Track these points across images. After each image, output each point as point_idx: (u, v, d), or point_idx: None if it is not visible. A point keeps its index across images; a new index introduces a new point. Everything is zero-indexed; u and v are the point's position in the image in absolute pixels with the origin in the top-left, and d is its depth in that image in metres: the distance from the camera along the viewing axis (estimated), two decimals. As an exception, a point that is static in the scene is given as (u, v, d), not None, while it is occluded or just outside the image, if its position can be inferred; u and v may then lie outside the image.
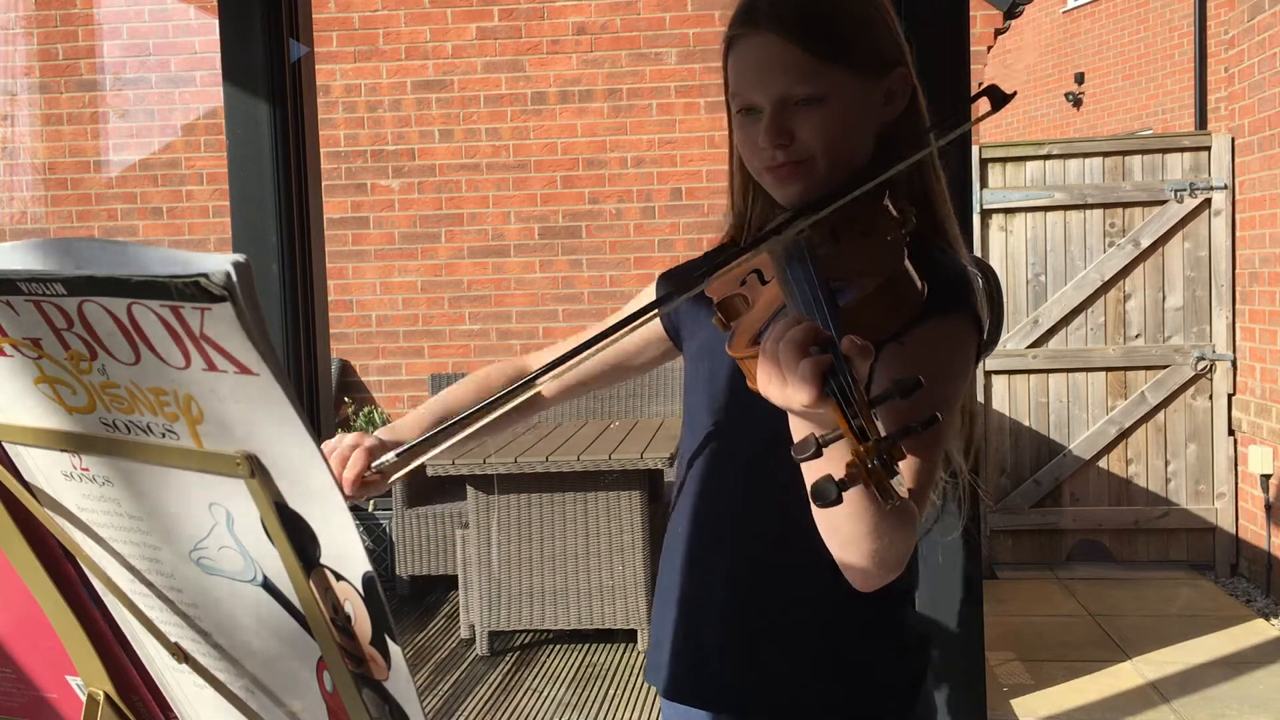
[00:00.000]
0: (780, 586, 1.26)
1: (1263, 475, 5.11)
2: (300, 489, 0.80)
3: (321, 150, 3.67)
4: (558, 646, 4.65)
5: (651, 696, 4.12)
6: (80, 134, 6.31)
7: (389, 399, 6.19)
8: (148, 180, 6.29)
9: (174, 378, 0.77)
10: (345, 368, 6.20)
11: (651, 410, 5.55)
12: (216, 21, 2.53)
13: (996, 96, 1.14)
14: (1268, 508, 5.11)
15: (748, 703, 1.28)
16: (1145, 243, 5.46)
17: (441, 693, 4.22)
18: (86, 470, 0.87)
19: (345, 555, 0.82)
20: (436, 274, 6.15)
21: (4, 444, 0.90)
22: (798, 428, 0.99)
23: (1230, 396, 5.42)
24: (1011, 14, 6.11)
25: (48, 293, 0.74)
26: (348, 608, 0.85)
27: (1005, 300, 5.42)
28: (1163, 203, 5.43)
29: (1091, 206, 5.51)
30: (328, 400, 2.87)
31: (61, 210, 6.35)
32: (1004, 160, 5.52)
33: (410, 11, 6.09)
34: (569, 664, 4.47)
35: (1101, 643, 4.50)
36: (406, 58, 6.11)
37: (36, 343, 0.79)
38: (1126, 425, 5.53)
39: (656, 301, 1.18)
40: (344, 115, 6.12)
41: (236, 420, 0.77)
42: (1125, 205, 5.49)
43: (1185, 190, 5.40)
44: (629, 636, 4.60)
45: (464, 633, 4.63)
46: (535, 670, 4.42)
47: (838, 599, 1.22)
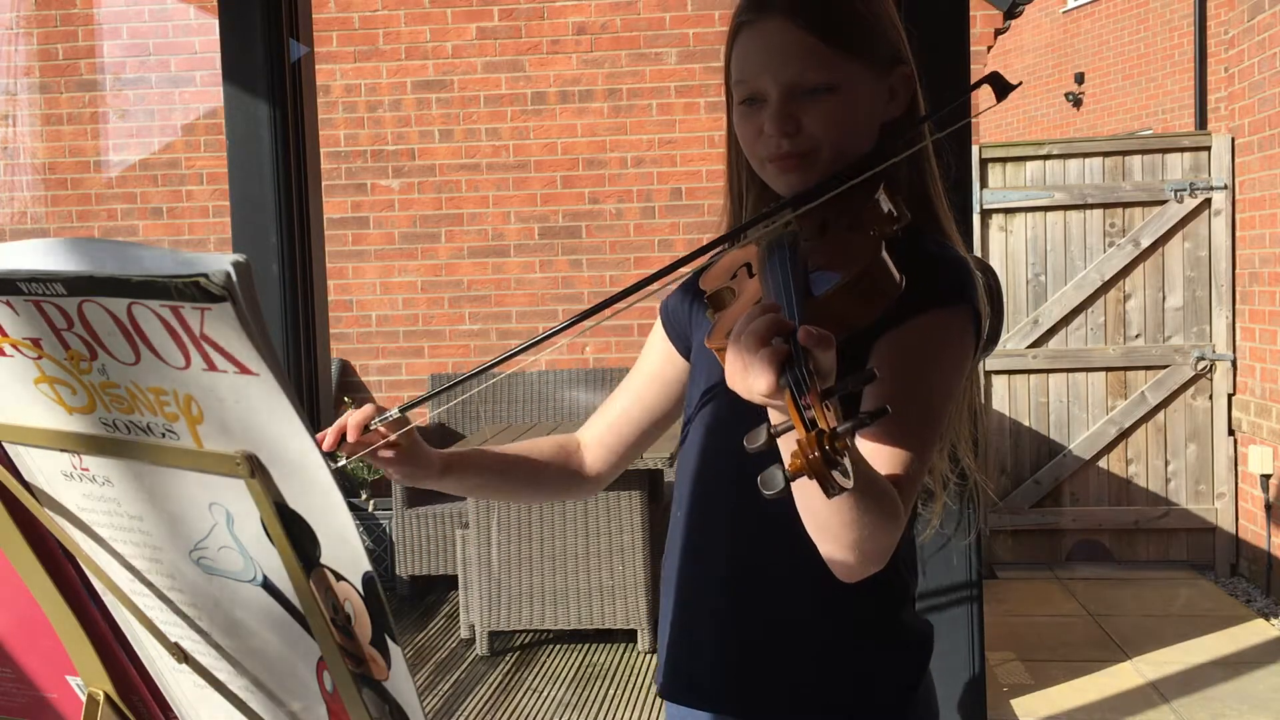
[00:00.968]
0: (777, 586, 1.26)
1: (1263, 475, 5.11)
2: (300, 489, 0.80)
3: (321, 150, 3.68)
4: (558, 646, 4.64)
5: (651, 696, 4.12)
6: (80, 134, 6.31)
7: (389, 399, 6.19)
8: (148, 180, 6.28)
9: (174, 378, 0.77)
10: (345, 368, 6.20)
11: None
12: (216, 21, 2.53)
13: (999, 85, 1.13)
14: (1268, 508, 5.11)
15: (747, 704, 1.27)
16: (1145, 243, 5.46)
17: (441, 693, 4.22)
18: (86, 470, 0.87)
19: (345, 555, 0.82)
20: (436, 274, 6.15)
21: (4, 444, 0.90)
22: (773, 417, 0.98)
23: (1230, 396, 5.42)
24: (1011, 14, 6.11)
25: (48, 293, 0.74)
26: (348, 608, 0.85)
27: (1005, 300, 5.42)
28: (1163, 203, 5.43)
29: (1091, 206, 5.51)
30: (328, 400, 2.87)
31: (61, 210, 6.35)
32: (1004, 160, 5.52)
33: (410, 11, 6.09)
34: (569, 664, 4.47)
35: (1101, 643, 4.50)
36: (406, 58, 6.11)
37: (36, 343, 0.79)
38: (1126, 425, 5.53)
39: (663, 307, 1.18)
40: (344, 115, 6.12)
41: (236, 420, 0.77)
42: (1125, 205, 5.49)
43: (1185, 190, 5.40)
44: (629, 636, 4.60)
45: (464, 633, 4.63)
46: (535, 670, 4.42)
47: (836, 599, 1.22)
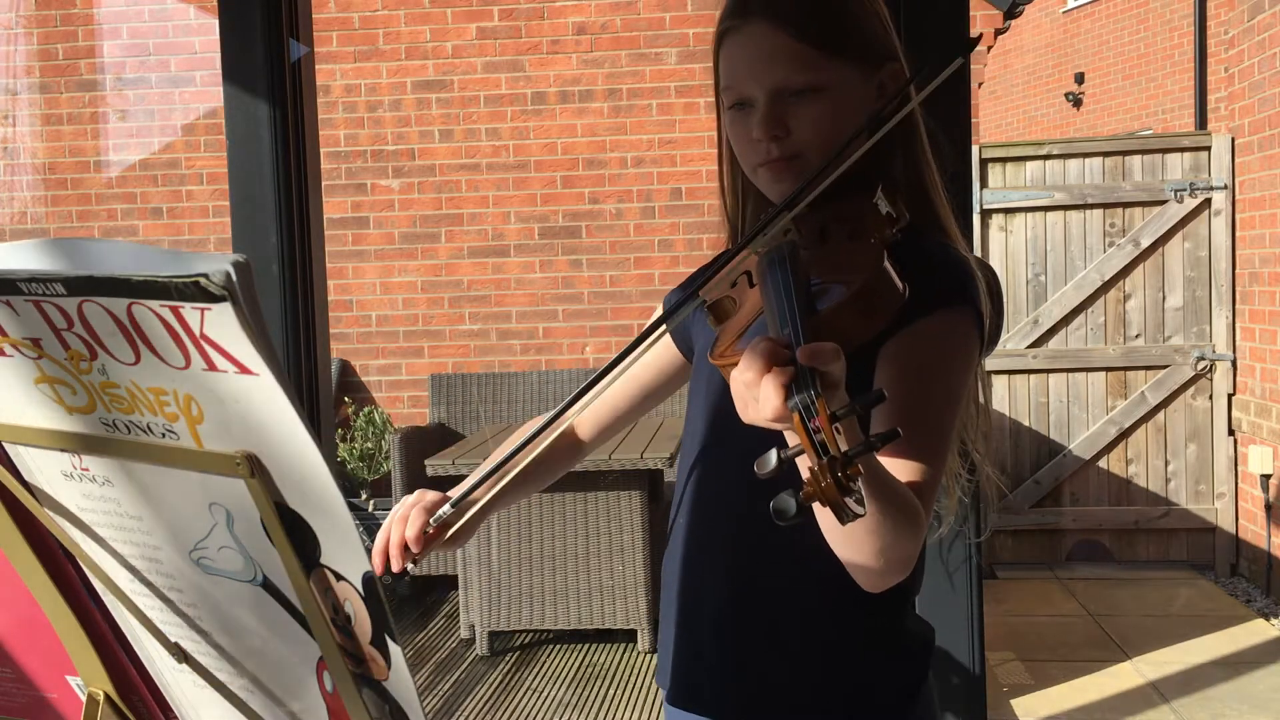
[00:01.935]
0: (778, 592, 1.25)
1: (1263, 475, 5.11)
2: (300, 489, 0.80)
3: (321, 150, 3.67)
4: (558, 646, 4.64)
5: (651, 696, 4.12)
6: (80, 134, 6.31)
7: (389, 399, 6.19)
8: (148, 180, 6.29)
9: (174, 378, 0.77)
10: (345, 368, 6.20)
11: (652, 410, 5.55)
12: (216, 21, 2.53)
13: (965, 43, 1.12)
14: (1268, 508, 5.11)
15: (748, 709, 1.27)
16: (1145, 243, 5.46)
17: (441, 693, 4.22)
18: (86, 470, 0.87)
19: (345, 555, 0.82)
20: (436, 274, 6.15)
21: (4, 444, 0.90)
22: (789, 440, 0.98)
23: (1230, 396, 5.42)
24: (1011, 14, 6.11)
25: (48, 293, 0.74)
26: (348, 608, 0.85)
27: (1005, 300, 5.42)
28: (1163, 203, 5.43)
29: (1091, 206, 5.50)
30: (328, 400, 2.87)
31: (61, 210, 6.35)
32: (1004, 160, 5.52)
33: (410, 11, 6.09)
34: (569, 664, 4.47)
35: (1101, 643, 4.50)
36: (406, 58, 6.11)
37: (36, 343, 0.79)
38: (1126, 425, 5.53)
39: (662, 317, 1.17)
40: (344, 115, 6.12)
41: (236, 420, 0.77)
42: (1125, 205, 5.49)
43: (1185, 190, 5.40)
44: (629, 636, 4.60)
45: (464, 633, 4.63)
46: (535, 670, 4.42)
47: (837, 604, 1.22)
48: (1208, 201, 5.39)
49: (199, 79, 6.19)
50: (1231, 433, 5.42)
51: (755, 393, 0.90)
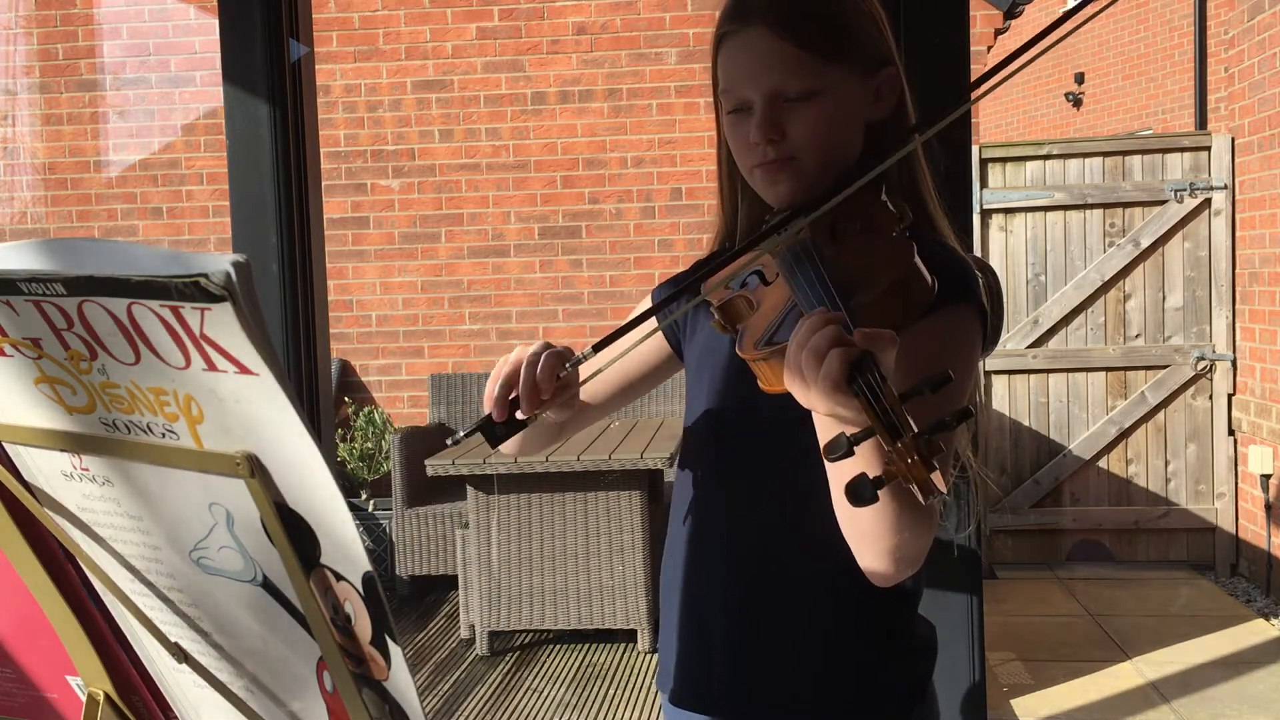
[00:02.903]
0: (783, 590, 1.25)
1: (1263, 475, 5.11)
2: (300, 489, 0.80)
3: (321, 150, 3.67)
4: (558, 646, 4.64)
5: (652, 696, 4.12)
6: (80, 134, 6.31)
7: (389, 399, 6.19)
8: (148, 180, 6.28)
9: (174, 378, 0.77)
10: (345, 368, 6.20)
11: (651, 410, 5.55)
12: (216, 21, 2.53)
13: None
14: (1268, 508, 5.11)
15: (751, 708, 1.27)
16: (1145, 243, 5.46)
17: (441, 693, 4.22)
18: (86, 470, 0.87)
19: (345, 555, 0.82)
20: (436, 274, 6.15)
21: (4, 444, 0.90)
22: (826, 428, 0.98)
23: (1230, 396, 5.42)
24: (1011, 14, 6.11)
25: (48, 293, 0.74)
26: (348, 608, 0.85)
27: (1005, 300, 5.42)
28: (1163, 203, 5.43)
29: (1091, 206, 5.50)
30: (328, 400, 2.87)
31: (61, 210, 6.35)
32: (1004, 160, 5.52)
33: (410, 11, 6.09)
34: (569, 664, 4.47)
35: (1101, 643, 4.50)
36: (406, 58, 6.11)
37: (36, 343, 0.79)
38: (1126, 425, 5.53)
39: (655, 307, 1.17)
40: (344, 115, 6.12)
41: (236, 420, 0.77)
42: (1125, 205, 5.49)
43: (1185, 190, 5.40)
44: (629, 636, 4.60)
45: (464, 633, 4.63)
46: (535, 670, 4.42)
47: (842, 602, 1.22)
48: (1208, 201, 5.39)
49: (199, 79, 6.19)
50: (1231, 433, 5.42)
51: (816, 372, 0.89)
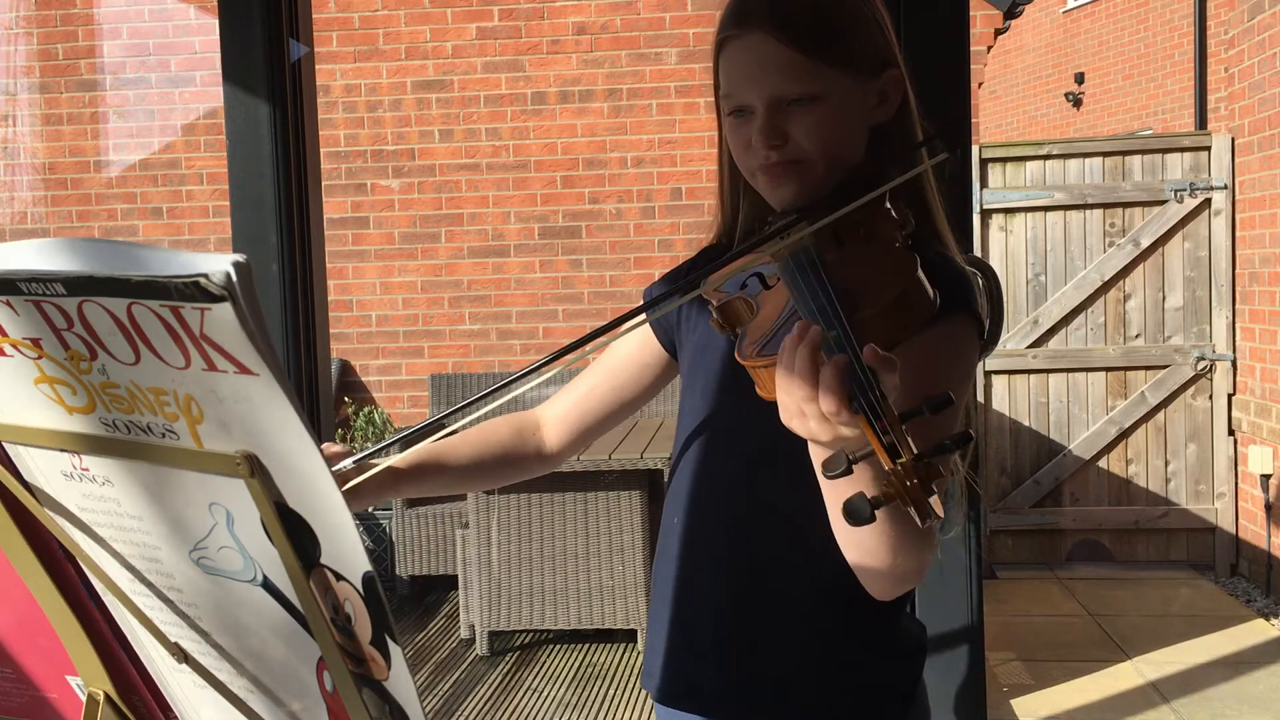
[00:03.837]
0: (779, 589, 1.26)
1: (1263, 475, 5.11)
2: (300, 489, 0.79)
3: (321, 150, 3.67)
4: (558, 646, 4.64)
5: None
6: (80, 134, 6.31)
7: (389, 399, 6.19)
8: (148, 180, 6.28)
9: (174, 378, 0.77)
10: (345, 368, 6.20)
11: (651, 410, 5.55)
12: (216, 21, 2.53)
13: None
14: (1268, 508, 5.10)
15: (743, 707, 1.27)
16: (1145, 243, 5.46)
17: (441, 693, 4.21)
18: (86, 470, 0.87)
19: (345, 555, 0.82)
20: (436, 274, 6.15)
21: (4, 444, 0.90)
22: (820, 448, 0.97)
23: (1230, 396, 5.42)
24: (1011, 14, 6.11)
25: (48, 293, 0.74)
26: (348, 608, 0.85)
27: (1005, 300, 5.42)
28: (1163, 203, 5.43)
29: (1091, 206, 5.50)
30: (328, 400, 2.87)
31: (61, 210, 6.35)
32: (1004, 160, 5.52)
33: (410, 11, 6.09)
34: (569, 664, 4.47)
35: (1101, 643, 4.50)
36: (406, 58, 6.11)
37: (36, 343, 0.79)
38: (1126, 425, 5.53)
39: (651, 301, 1.17)
40: (344, 115, 6.12)
41: (236, 420, 0.77)
42: (1125, 205, 5.49)
43: (1185, 190, 5.40)
44: (629, 636, 4.60)
45: (464, 633, 4.63)
46: (535, 670, 4.42)
47: (833, 605, 1.22)
48: (1208, 201, 5.39)
49: (199, 79, 6.19)
50: (1231, 433, 5.42)
51: (811, 393, 0.88)
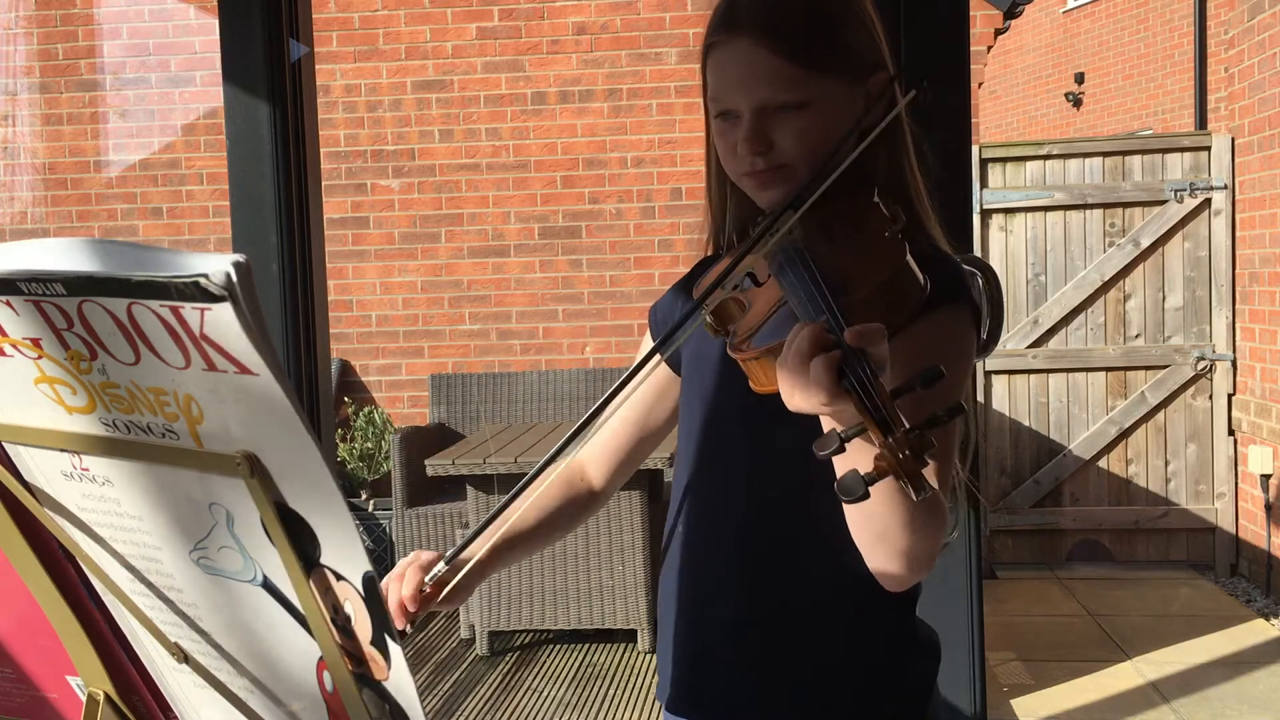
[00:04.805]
0: (787, 595, 1.24)
1: (1263, 475, 5.11)
2: (300, 489, 0.79)
3: (321, 150, 3.67)
4: (558, 646, 4.64)
5: (652, 696, 4.12)
6: (80, 134, 6.31)
7: (389, 399, 6.19)
8: (148, 180, 6.28)
9: (174, 378, 0.77)
10: (345, 368, 6.20)
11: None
12: (216, 21, 2.53)
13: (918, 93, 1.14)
14: (1268, 508, 5.11)
15: (760, 714, 1.26)
16: (1145, 243, 5.46)
17: (441, 693, 4.21)
18: (86, 470, 0.87)
19: (345, 555, 0.82)
20: (436, 274, 6.15)
21: (4, 444, 0.90)
22: (825, 426, 0.98)
23: (1230, 396, 5.42)
24: (1011, 14, 6.11)
25: (48, 293, 0.74)
26: (348, 608, 0.85)
27: (1005, 300, 5.42)
28: (1163, 203, 5.43)
29: (1091, 206, 5.50)
30: (328, 400, 2.87)
31: (61, 210, 6.35)
32: (1004, 160, 5.52)
33: (410, 11, 6.09)
34: (569, 664, 4.47)
35: (1101, 643, 4.50)
36: (406, 58, 6.11)
37: (36, 343, 0.79)
38: (1126, 425, 5.53)
39: (660, 341, 1.15)
40: (344, 115, 6.12)
41: (236, 420, 0.77)
42: (1125, 205, 5.49)
43: (1185, 190, 5.40)
44: (629, 636, 4.60)
45: (464, 633, 4.63)
46: (535, 670, 4.42)
47: (846, 605, 1.21)
48: (1208, 201, 5.39)
49: (199, 79, 6.19)
50: (1231, 433, 5.42)
51: (805, 376, 0.89)
